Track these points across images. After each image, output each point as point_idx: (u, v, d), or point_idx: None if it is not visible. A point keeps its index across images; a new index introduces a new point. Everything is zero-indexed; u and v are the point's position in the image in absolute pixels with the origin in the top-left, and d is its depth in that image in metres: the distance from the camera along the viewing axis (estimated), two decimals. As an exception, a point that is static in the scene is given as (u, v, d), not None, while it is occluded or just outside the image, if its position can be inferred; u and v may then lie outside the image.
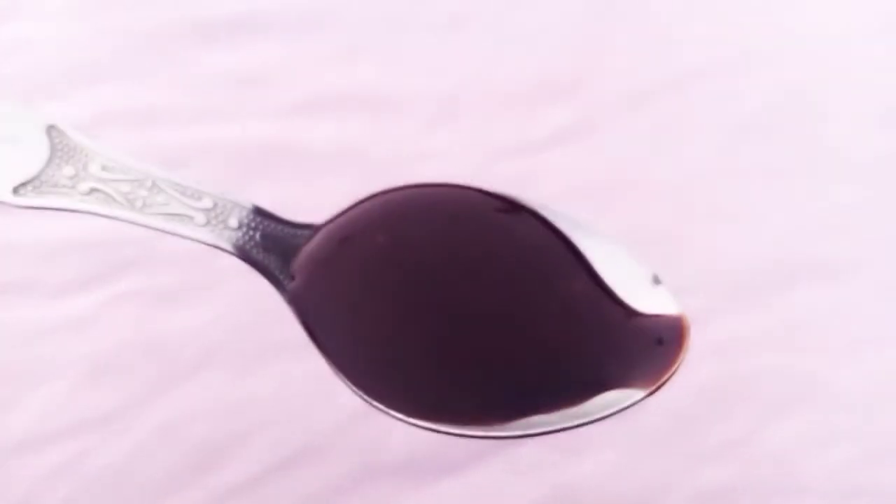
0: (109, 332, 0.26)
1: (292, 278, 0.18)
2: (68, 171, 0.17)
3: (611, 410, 0.17)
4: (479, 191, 0.18)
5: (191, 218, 0.17)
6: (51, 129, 0.18)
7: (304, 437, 0.25)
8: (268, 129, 0.29)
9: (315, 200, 0.28)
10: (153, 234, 0.29)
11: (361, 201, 0.18)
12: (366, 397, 0.17)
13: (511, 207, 0.18)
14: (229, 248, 0.17)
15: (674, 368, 0.17)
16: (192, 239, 0.17)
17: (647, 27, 0.31)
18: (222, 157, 0.28)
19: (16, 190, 0.17)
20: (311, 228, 0.18)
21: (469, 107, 0.29)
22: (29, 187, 0.17)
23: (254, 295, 0.28)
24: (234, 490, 0.25)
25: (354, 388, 0.17)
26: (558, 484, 0.25)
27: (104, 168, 0.18)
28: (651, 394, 0.17)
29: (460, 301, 0.17)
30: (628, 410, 0.23)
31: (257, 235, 0.17)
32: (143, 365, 0.26)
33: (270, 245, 0.17)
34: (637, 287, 0.17)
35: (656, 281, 0.18)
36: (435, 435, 0.26)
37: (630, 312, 0.17)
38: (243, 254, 0.17)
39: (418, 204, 0.18)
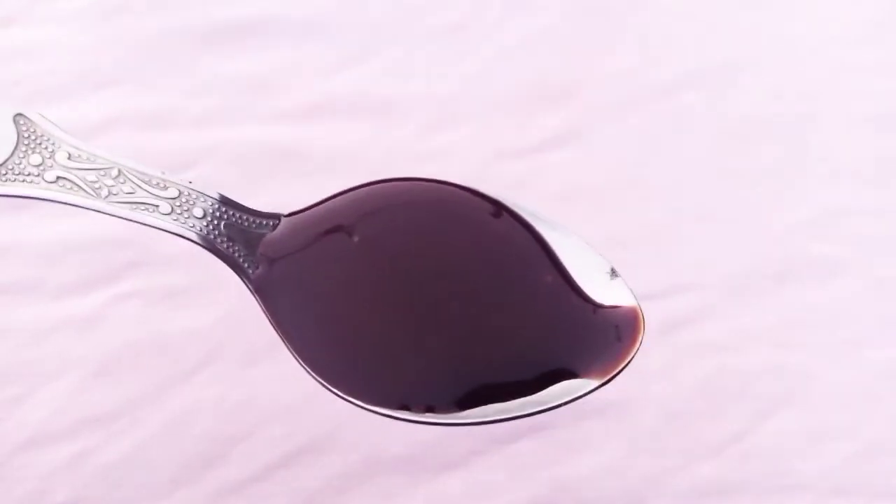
0: (113, 331, 0.27)
1: (257, 267, 0.17)
2: (35, 159, 0.17)
3: (565, 399, 0.17)
4: (444, 183, 0.18)
5: (156, 207, 0.17)
6: (18, 118, 0.17)
7: (306, 435, 0.26)
8: (272, 132, 0.29)
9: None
10: (155, 236, 0.29)
11: (331, 196, 0.18)
12: (328, 385, 0.16)
13: (475, 199, 0.18)
14: (193, 237, 0.17)
15: (628, 359, 0.17)
16: (155, 228, 0.17)
17: (639, 35, 0.31)
18: (228, 160, 0.28)
19: None
20: (277, 218, 0.17)
21: (468, 111, 0.30)
22: None
23: (256, 295, 0.28)
24: (236, 486, 0.25)
25: (318, 378, 0.17)
26: (556, 480, 0.26)
27: (71, 157, 0.17)
28: (605, 383, 0.17)
29: (423, 290, 0.17)
30: (619, 409, 0.23)
31: (222, 225, 0.17)
32: (147, 364, 0.26)
33: (235, 234, 0.17)
34: (595, 279, 0.17)
35: (614, 273, 0.17)
36: (434, 432, 0.26)
37: (588, 304, 0.17)
38: (207, 243, 0.17)
39: (384, 196, 0.18)
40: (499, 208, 0.17)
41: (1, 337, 0.26)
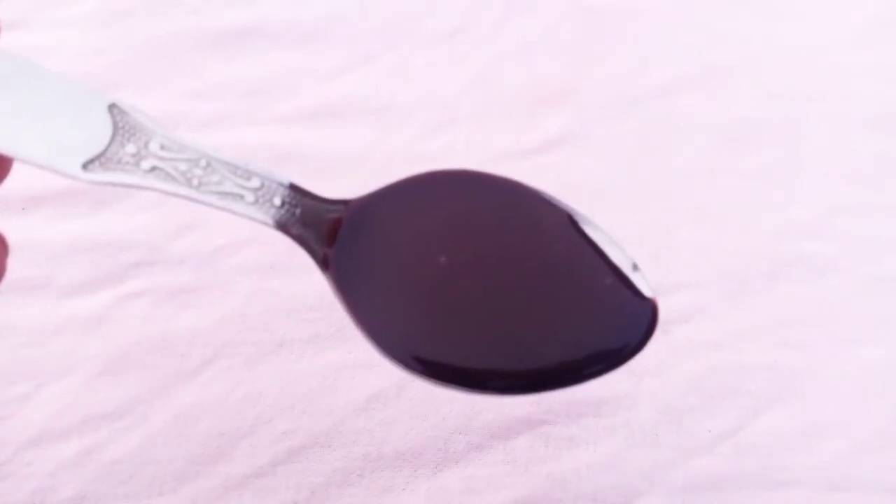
0: (120, 330, 0.27)
1: (328, 248, 0.18)
2: (131, 148, 0.17)
3: (580, 380, 0.19)
4: (494, 176, 0.20)
5: (241, 197, 0.18)
6: (112, 108, 0.18)
7: (309, 430, 0.26)
8: (275, 135, 0.29)
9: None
10: (160, 236, 0.29)
11: (391, 184, 0.19)
12: (396, 362, 0.18)
13: (517, 188, 0.19)
14: (272, 224, 0.18)
15: (643, 346, 0.18)
16: (241, 216, 0.18)
17: (636, 38, 0.32)
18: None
19: (85, 166, 0.17)
20: (345, 203, 0.19)
21: (467, 113, 0.30)
22: (96, 164, 0.17)
23: (259, 293, 0.28)
24: (242, 481, 0.25)
25: (387, 354, 0.18)
26: (553, 475, 0.26)
27: (163, 147, 0.18)
28: (618, 365, 0.19)
29: (482, 273, 0.18)
30: (615, 405, 0.24)
31: (297, 211, 0.18)
32: (153, 362, 0.27)
33: (308, 220, 0.18)
34: (619, 271, 0.19)
35: (635, 267, 0.19)
36: (434, 429, 0.27)
37: (612, 293, 0.19)
38: (284, 229, 0.18)
39: (442, 183, 0.20)
40: (541, 197, 0.19)
41: (9, 335, 0.27)
